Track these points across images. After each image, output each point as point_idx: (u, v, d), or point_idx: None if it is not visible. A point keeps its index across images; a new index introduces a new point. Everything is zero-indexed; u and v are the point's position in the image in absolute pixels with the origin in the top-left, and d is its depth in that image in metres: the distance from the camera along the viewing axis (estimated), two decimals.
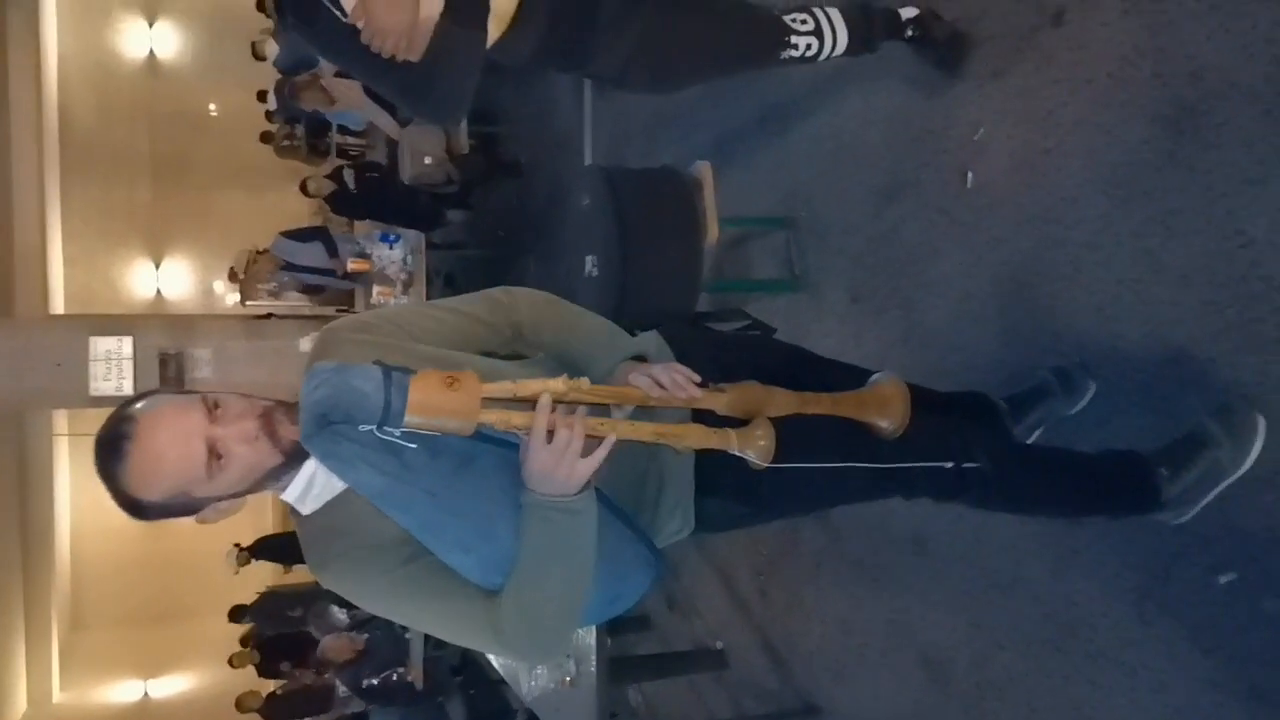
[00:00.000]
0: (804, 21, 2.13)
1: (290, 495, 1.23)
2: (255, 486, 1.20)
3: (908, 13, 2.29)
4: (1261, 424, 1.61)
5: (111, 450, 1.13)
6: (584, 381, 1.17)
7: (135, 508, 1.16)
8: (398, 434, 1.05)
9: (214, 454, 1.13)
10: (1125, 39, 1.90)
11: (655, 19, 1.98)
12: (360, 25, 1.67)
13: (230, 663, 7.52)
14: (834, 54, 2.19)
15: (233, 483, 1.17)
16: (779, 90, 3.11)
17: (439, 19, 1.72)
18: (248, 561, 7.25)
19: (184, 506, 1.18)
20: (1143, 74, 1.87)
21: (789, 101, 3.08)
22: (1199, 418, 1.68)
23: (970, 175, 2.29)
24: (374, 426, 1.04)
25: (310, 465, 1.20)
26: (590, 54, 1.99)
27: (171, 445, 1.12)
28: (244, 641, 7.48)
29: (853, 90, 2.74)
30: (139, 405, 1.16)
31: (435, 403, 1.04)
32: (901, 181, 2.55)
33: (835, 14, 2.17)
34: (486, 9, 1.81)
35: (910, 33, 2.30)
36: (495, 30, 1.86)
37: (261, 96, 7.98)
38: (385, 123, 6.15)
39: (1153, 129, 1.84)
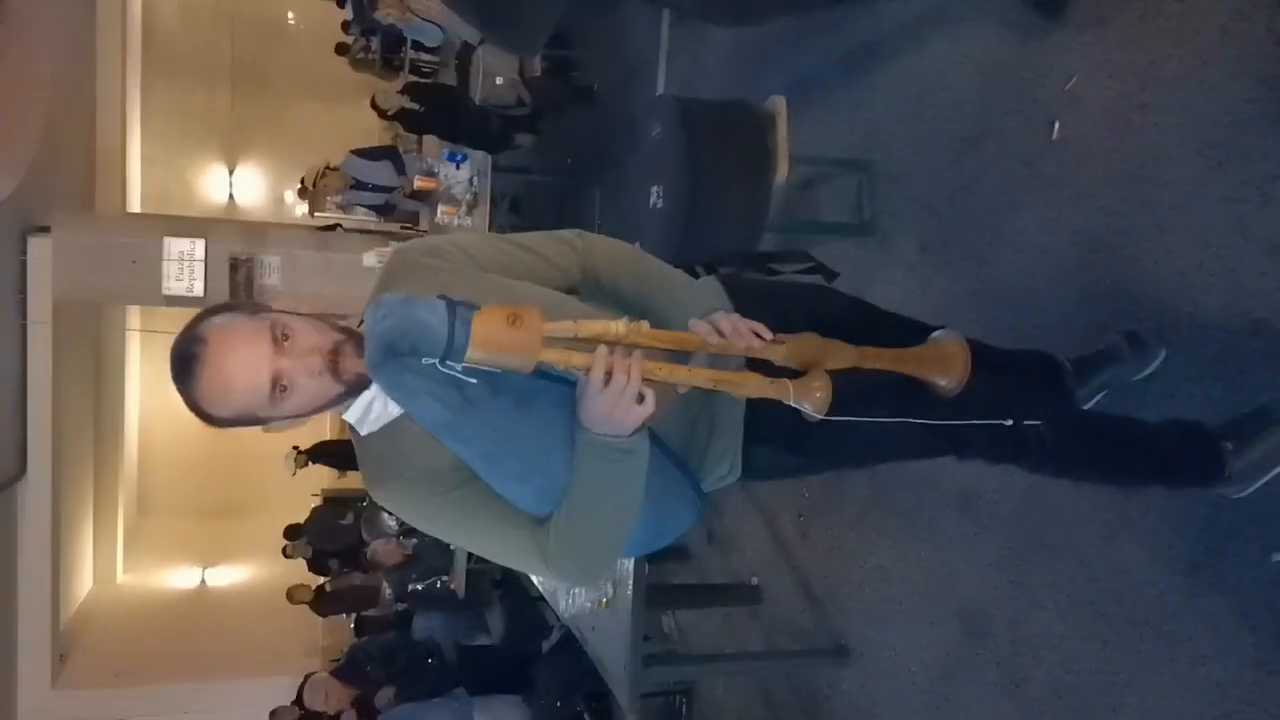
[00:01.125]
0: None
1: (351, 416, 1.27)
2: (317, 411, 1.24)
3: None
4: None
5: (183, 368, 1.17)
6: (644, 325, 1.17)
7: (205, 418, 1.21)
8: (459, 368, 1.07)
9: (278, 384, 1.17)
10: None
11: None
12: None
13: (284, 552, 7.86)
14: None
15: (296, 408, 1.21)
16: (866, 29, 3.01)
17: None
18: (305, 464, 7.49)
19: (250, 421, 1.22)
20: (1257, 29, 1.77)
21: (874, 40, 2.99)
22: (1271, 393, 1.63)
23: (1057, 126, 2.21)
24: (437, 360, 1.05)
25: (370, 391, 1.23)
26: None
27: (239, 373, 1.15)
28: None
29: (942, 31, 2.65)
30: (212, 323, 1.19)
31: (498, 339, 1.04)
32: (985, 130, 2.47)
33: None
34: None
35: None
36: None
37: (340, 1, 7.97)
38: (466, 32, 6.10)
39: (1260, 89, 1.75)
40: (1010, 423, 1.46)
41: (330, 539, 7.45)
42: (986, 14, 2.42)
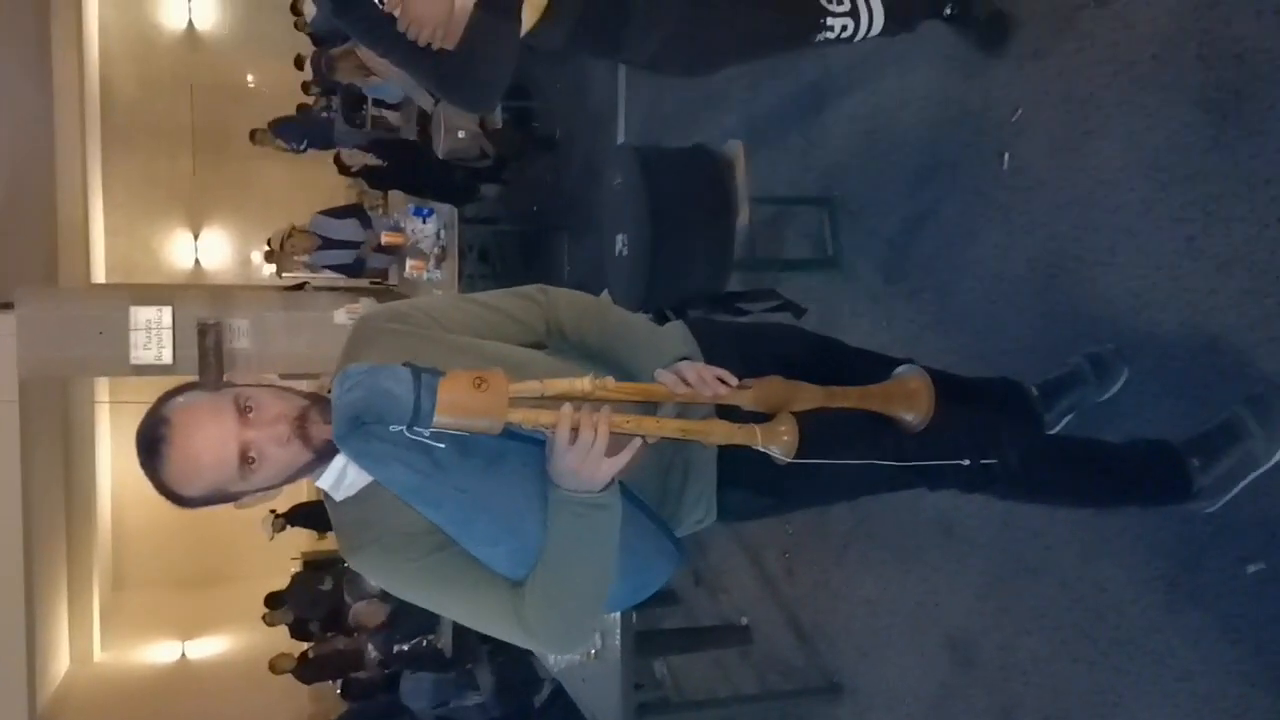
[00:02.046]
0: (840, 2, 2.10)
1: (324, 483, 1.27)
2: (289, 480, 1.24)
3: None
4: None
5: (150, 451, 1.16)
6: (609, 380, 1.19)
7: (175, 499, 1.20)
8: (427, 434, 1.08)
9: (247, 456, 1.16)
10: (1170, 19, 1.86)
11: (689, 6, 1.97)
12: (397, 14, 1.68)
13: (264, 619, 7.71)
14: (870, 35, 2.16)
15: (267, 479, 1.20)
16: (815, 70, 3.08)
17: (474, 9, 1.73)
18: (283, 528, 7.40)
19: (222, 498, 1.22)
20: (1187, 55, 1.83)
21: (825, 81, 3.05)
22: (1232, 407, 1.66)
23: (1007, 156, 2.26)
24: (404, 427, 1.06)
25: (342, 457, 1.23)
26: (624, 41, 1.98)
27: (206, 449, 1.15)
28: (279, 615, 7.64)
29: (890, 70, 2.71)
30: (174, 403, 1.19)
31: (464, 403, 1.06)
32: (937, 162, 2.52)
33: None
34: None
35: (949, 11, 2.26)
36: (530, 17, 1.87)
37: (299, 63, 8.02)
38: (422, 95, 6.16)
39: (1196, 113, 1.81)
40: (968, 463, 1.47)
41: (312, 606, 7.34)
42: (929, 52, 2.48)
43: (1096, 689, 1.98)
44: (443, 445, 1.11)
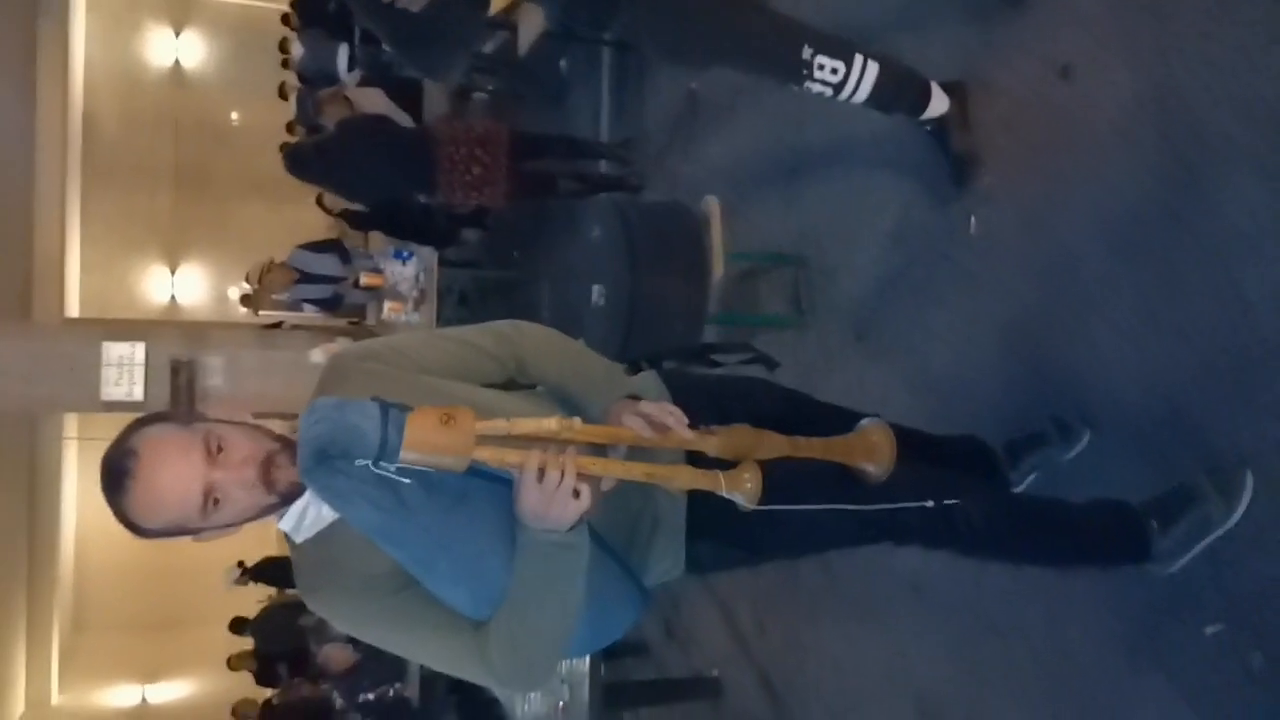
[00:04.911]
0: (831, 69, 2.08)
1: (285, 525, 1.27)
2: (249, 520, 1.24)
3: (935, 109, 2.24)
4: (1250, 481, 1.63)
5: (114, 482, 1.17)
6: (576, 421, 1.20)
7: (135, 530, 1.20)
8: (393, 469, 1.08)
9: (210, 497, 1.17)
10: (1130, 97, 1.93)
11: None
12: None
13: (229, 664, 7.52)
14: (853, 100, 2.15)
15: (228, 519, 1.21)
16: (793, 132, 3.16)
17: None
18: (245, 584, 7.26)
19: (181, 532, 1.22)
20: (1147, 131, 1.90)
21: (802, 142, 3.12)
22: (1190, 472, 1.70)
23: (974, 221, 2.32)
24: (370, 462, 1.07)
25: (304, 498, 1.23)
26: (613, 11, 1.99)
27: (171, 487, 1.15)
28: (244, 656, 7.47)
29: (864, 134, 2.78)
30: (144, 434, 1.19)
31: (430, 440, 1.06)
32: (908, 225, 2.58)
33: (871, 69, 2.09)
34: None
35: (927, 128, 2.30)
36: None
37: (282, 93, 8.01)
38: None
39: (1157, 187, 1.87)
40: (931, 504, 1.50)
41: (281, 639, 7.14)
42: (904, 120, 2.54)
43: None
44: (409, 481, 1.12)
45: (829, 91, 2.11)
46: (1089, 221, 2.02)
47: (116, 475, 1.16)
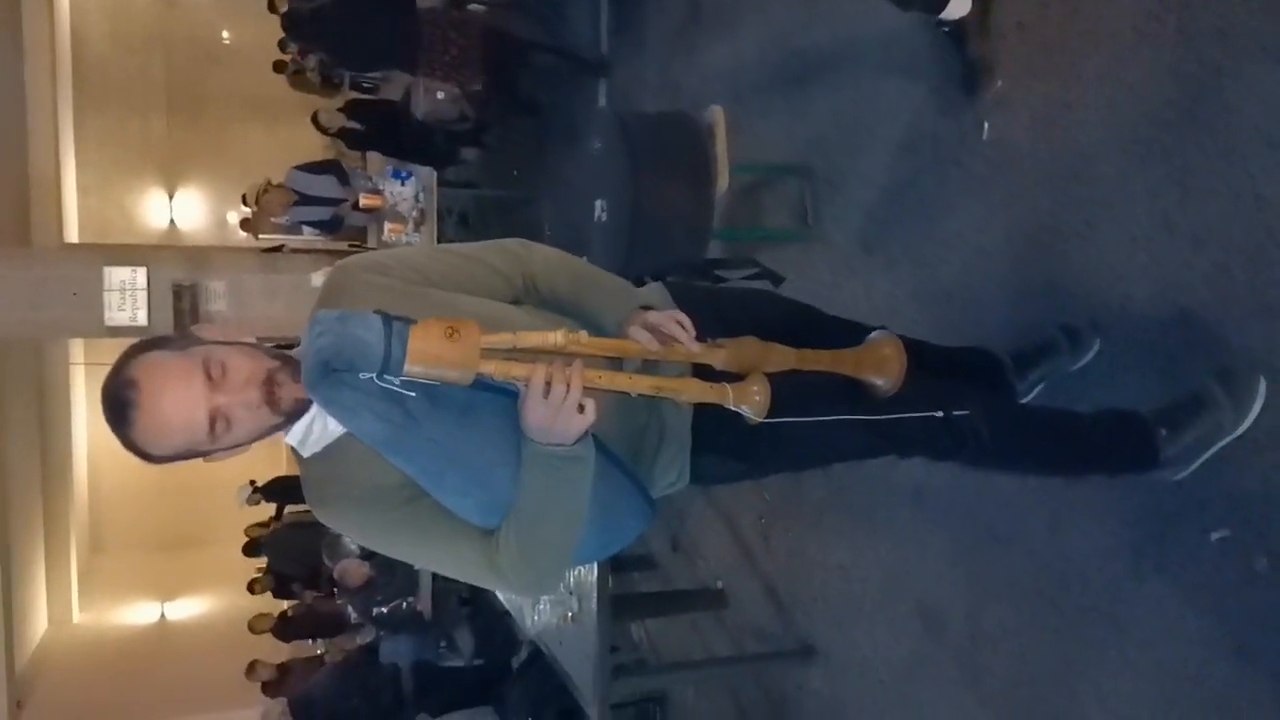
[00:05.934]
0: None
1: (292, 439, 1.26)
2: (257, 439, 1.24)
3: (955, 10, 2.17)
4: (1263, 387, 1.62)
5: (118, 414, 1.16)
6: (583, 334, 1.19)
7: (145, 457, 1.20)
8: (398, 382, 1.07)
9: (216, 420, 1.16)
10: None
11: None
12: None
13: (250, 589, 7.70)
14: None
15: (235, 440, 1.21)
16: (800, 36, 3.06)
17: None
18: (258, 502, 7.36)
19: (191, 455, 1.22)
20: (1168, 29, 1.83)
21: (808, 47, 3.03)
22: (1201, 378, 1.69)
23: (987, 127, 2.26)
24: (374, 374, 1.06)
25: (310, 413, 1.23)
26: None
27: (175, 414, 1.15)
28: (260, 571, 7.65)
29: (874, 38, 2.69)
30: (141, 362, 1.17)
31: (435, 352, 1.05)
32: (918, 134, 2.51)
33: None
34: None
35: (945, 29, 2.22)
36: None
37: (272, 7, 7.82)
38: None
39: (1175, 87, 1.81)
40: (941, 414, 1.49)
41: (294, 558, 7.27)
42: (914, 23, 2.45)
43: (1062, 656, 2.02)
44: (414, 394, 1.12)
45: None
46: (1104, 125, 1.96)
47: (120, 406, 1.15)
